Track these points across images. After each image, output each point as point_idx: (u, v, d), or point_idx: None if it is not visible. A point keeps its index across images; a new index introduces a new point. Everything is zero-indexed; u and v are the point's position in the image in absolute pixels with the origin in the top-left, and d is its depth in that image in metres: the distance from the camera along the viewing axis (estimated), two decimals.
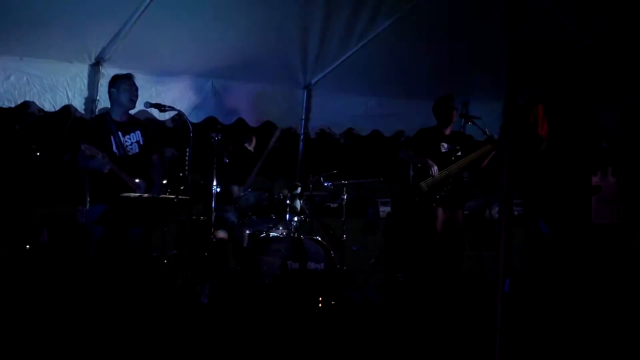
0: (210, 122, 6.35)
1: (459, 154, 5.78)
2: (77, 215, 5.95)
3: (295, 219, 5.56)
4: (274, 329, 4.46)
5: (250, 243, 5.60)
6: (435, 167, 5.61)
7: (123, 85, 4.73)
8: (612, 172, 6.18)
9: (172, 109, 4.92)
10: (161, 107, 4.83)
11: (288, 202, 5.59)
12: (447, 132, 5.90)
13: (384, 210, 28.22)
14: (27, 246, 5.15)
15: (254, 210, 5.66)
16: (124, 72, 4.93)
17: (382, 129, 7.24)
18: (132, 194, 4.17)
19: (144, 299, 4.48)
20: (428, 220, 5.70)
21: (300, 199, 5.69)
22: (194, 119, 5.83)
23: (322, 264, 5.31)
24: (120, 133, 4.71)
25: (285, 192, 5.67)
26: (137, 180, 4.52)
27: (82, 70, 5.38)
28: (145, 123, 4.97)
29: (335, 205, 25.06)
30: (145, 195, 4.18)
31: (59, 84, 5.28)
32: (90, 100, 5.40)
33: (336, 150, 48.06)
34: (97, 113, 5.29)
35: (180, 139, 5.42)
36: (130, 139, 4.77)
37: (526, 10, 2.71)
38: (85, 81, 5.39)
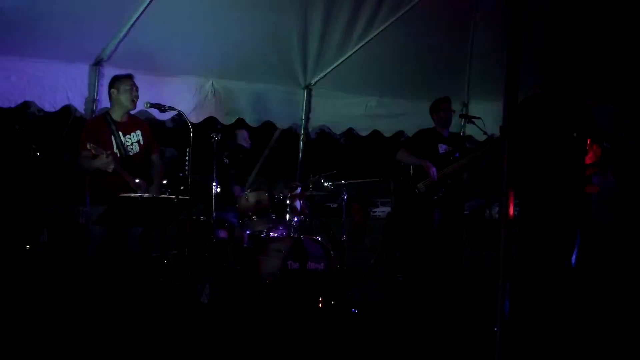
0: (210, 122, 6.35)
1: (457, 155, 5.78)
2: (77, 215, 5.95)
3: (295, 219, 5.56)
4: (274, 329, 4.46)
5: (250, 243, 5.60)
6: (434, 169, 5.61)
7: (123, 85, 4.73)
8: (612, 172, 6.19)
9: (172, 109, 4.92)
10: (161, 107, 4.84)
11: (288, 202, 5.59)
12: (445, 133, 5.90)
13: (384, 210, 28.23)
14: (27, 246, 5.14)
15: (254, 210, 5.66)
16: (124, 72, 4.93)
17: (382, 129, 7.24)
18: (132, 194, 4.17)
19: (144, 299, 4.48)
20: (425, 221, 5.70)
21: (300, 199, 5.69)
22: (194, 119, 5.83)
23: (322, 264, 5.31)
24: (120, 133, 4.72)
25: (285, 192, 5.67)
26: (137, 180, 4.53)
27: (82, 70, 5.38)
28: (144, 123, 4.97)
29: (335, 205, 25.06)
30: (145, 195, 4.18)
31: (59, 84, 5.28)
32: (90, 100, 5.40)
33: (336, 150, 48.07)
34: (97, 113, 5.29)
35: (180, 139, 5.42)
36: (130, 138, 4.78)
37: (525, 9, 2.72)
38: (85, 81, 5.39)
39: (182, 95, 5.90)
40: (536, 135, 4.40)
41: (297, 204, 5.64)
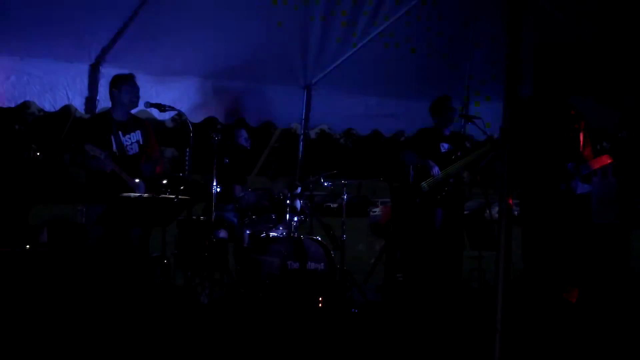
0: (210, 122, 6.35)
1: (459, 154, 5.78)
2: (77, 215, 5.95)
3: (295, 219, 5.56)
4: (274, 329, 4.46)
5: (250, 243, 5.59)
6: (437, 168, 5.62)
7: (125, 85, 4.73)
8: (612, 172, 6.20)
9: (172, 109, 4.92)
10: (161, 107, 4.84)
11: (288, 202, 5.59)
12: (446, 132, 5.90)
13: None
14: (27, 246, 5.14)
15: (254, 210, 5.65)
16: (124, 72, 4.93)
17: (382, 129, 7.24)
18: (132, 194, 4.17)
19: (144, 299, 4.48)
20: (428, 220, 5.70)
21: (300, 199, 5.69)
22: (194, 119, 5.83)
23: (322, 264, 5.31)
24: (120, 133, 4.72)
25: (285, 192, 5.67)
26: (137, 180, 4.53)
27: (82, 70, 5.37)
28: (145, 123, 4.98)
29: (335, 205, 25.11)
30: (145, 195, 4.18)
31: (59, 84, 5.27)
32: (90, 100, 5.39)
33: (336, 150, 48.15)
34: (97, 113, 5.28)
35: (180, 139, 5.43)
36: (130, 138, 4.78)
37: (525, 9, 2.72)
38: (85, 81, 5.38)
39: (182, 95, 5.89)
40: (532, 137, 4.42)
41: (297, 204, 5.64)
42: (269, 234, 5.55)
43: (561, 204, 4.55)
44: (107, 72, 5.27)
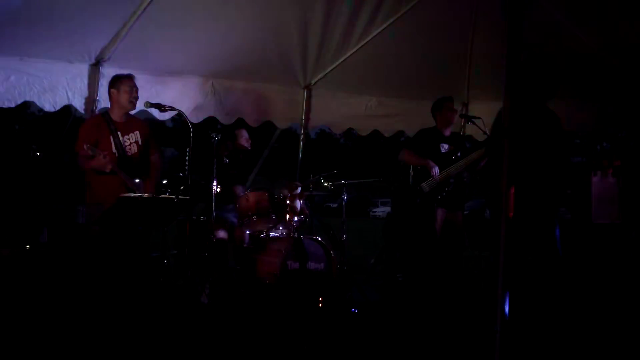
0: (210, 122, 6.35)
1: (459, 154, 5.78)
2: (77, 215, 5.94)
3: (295, 219, 5.56)
4: (274, 329, 4.46)
5: (250, 243, 5.59)
6: (437, 168, 5.62)
7: (123, 86, 4.73)
8: (612, 172, 6.20)
9: (172, 109, 4.92)
10: (161, 107, 4.84)
11: (288, 202, 5.59)
12: (447, 133, 5.90)
13: (385, 210, 28.19)
14: (27, 246, 5.14)
15: (254, 210, 5.65)
16: (124, 72, 4.93)
17: (382, 129, 7.24)
18: (132, 194, 4.17)
19: (144, 299, 4.48)
20: (428, 220, 5.70)
21: (300, 199, 5.69)
22: (194, 119, 5.83)
23: (322, 264, 5.31)
24: (119, 133, 4.72)
25: (285, 192, 5.67)
26: (136, 181, 4.53)
27: (82, 70, 5.37)
28: (144, 123, 4.98)
29: (335, 205, 25.10)
30: (145, 195, 4.18)
31: (59, 84, 5.27)
32: (90, 100, 5.39)
33: (336, 150, 48.13)
34: (97, 113, 5.28)
35: (180, 139, 5.42)
36: (129, 139, 4.78)
37: (525, 10, 2.72)
38: (85, 81, 5.38)
39: (182, 95, 5.89)
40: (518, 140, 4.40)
41: (297, 204, 5.64)
42: (269, 234, 5.55)
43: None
44: (107, 72, 5.27)
